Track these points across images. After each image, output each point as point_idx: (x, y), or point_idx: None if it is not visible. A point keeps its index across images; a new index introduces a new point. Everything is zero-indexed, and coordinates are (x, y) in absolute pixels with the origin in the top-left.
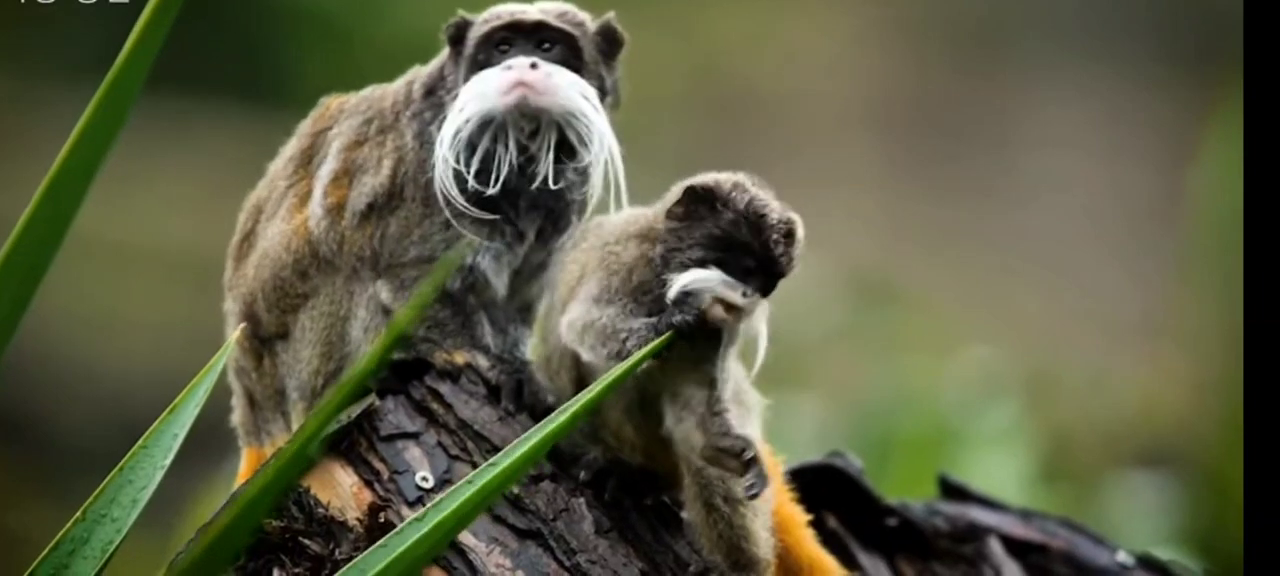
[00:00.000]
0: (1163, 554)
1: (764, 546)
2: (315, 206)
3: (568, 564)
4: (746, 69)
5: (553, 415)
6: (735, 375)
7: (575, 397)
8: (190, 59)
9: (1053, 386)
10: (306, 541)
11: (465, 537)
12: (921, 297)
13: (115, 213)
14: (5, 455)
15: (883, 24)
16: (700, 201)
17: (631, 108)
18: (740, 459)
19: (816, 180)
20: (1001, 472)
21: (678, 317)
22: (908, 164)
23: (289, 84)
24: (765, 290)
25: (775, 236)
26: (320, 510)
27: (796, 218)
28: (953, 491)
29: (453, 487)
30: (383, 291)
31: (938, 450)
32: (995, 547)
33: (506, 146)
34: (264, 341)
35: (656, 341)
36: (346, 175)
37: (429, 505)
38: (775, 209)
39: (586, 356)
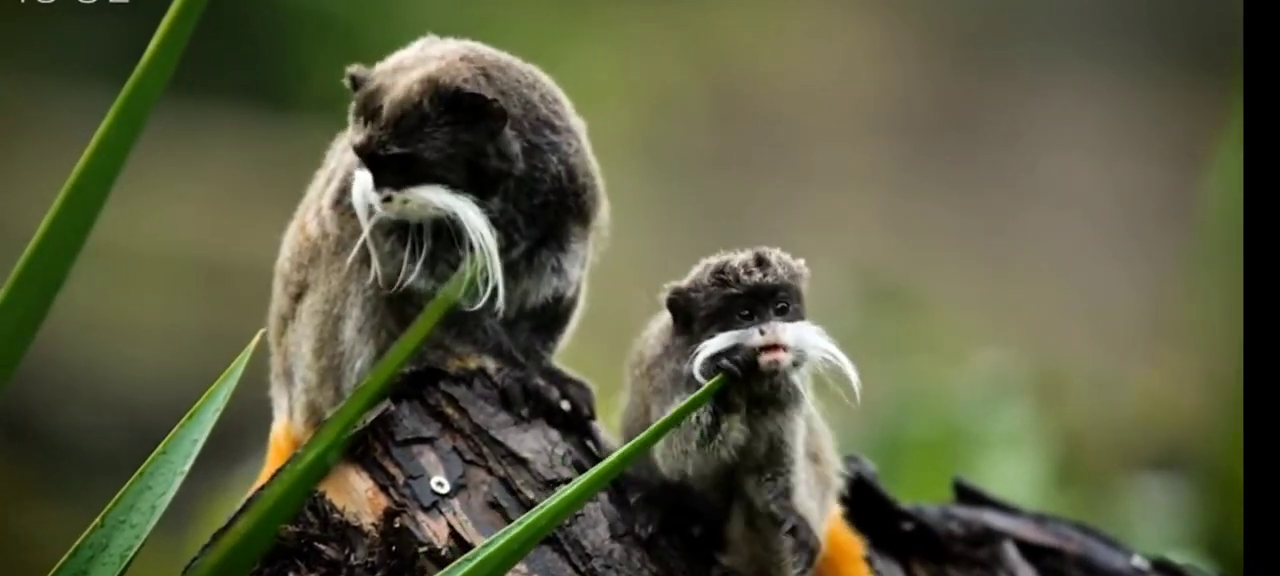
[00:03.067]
0: (1177, 557)
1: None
2: (313, 205)
3: (583, 569)
4: (756, 71)
5: (601, 465)
6: (822, 440)
7: (625, 446)
8: (197, 62)
9: (1065, 389)
10: (322, 546)
11: (481, 541)
12: (933, 300)
13: (124, 217)
14: (17, 459)
15: (893, 26)
16: (678, 308)
17: (642, 108)
18: (789, 533)
19: (827, 183)
20: (1014, 476)
21: (725, 362)
22: (919, 166)
23: (296, 87)
24: (782, 314)
25: (743, 271)
26: (336, 515)
27: (766, 250)
28: (967, 495)
29: (497, 535)
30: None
31: (950, 453)
32: (1010, 552)
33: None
34: (283, 318)
35: (709, 383)
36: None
37: (473, 554)
38: (737, 255)
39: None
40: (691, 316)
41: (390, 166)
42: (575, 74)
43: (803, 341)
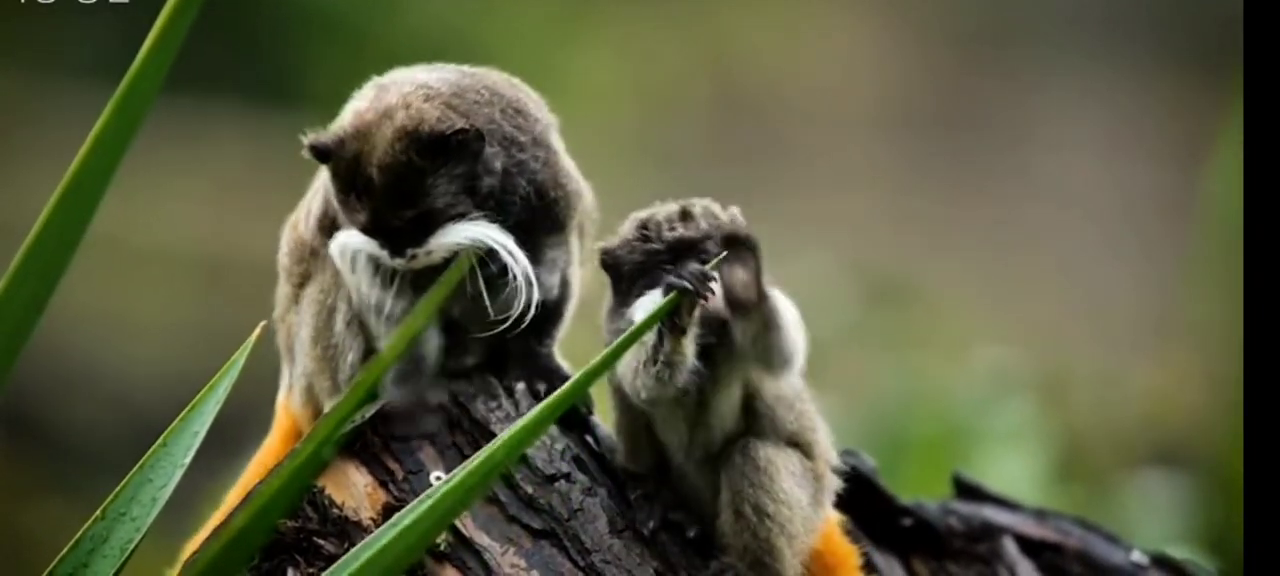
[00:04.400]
0: (1177, 553)
1: (789, 568)
2: (306, 205)
3: (582, 563)
4: (759, 69)
5: (558, 391)
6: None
7: (581, 370)
8: (197, 58)
9: (1066, 385)
10: (321, 541)
11: (480, 537)
12: (935, 297)
13: (123, 212)
14: (18, 453)
15: (896, 25)
16: (609, 267)
17: (645, 106)
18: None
19: (830, 180)
20: (1015, 471)
21: (673, 280)
22: (921, 163)
23: (297, 83)
24: (709, 261)
25: (667, 225)
26: (335, 510)
27: (694, 202)
28: (967, 490)
29: (457, 470)
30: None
31: (951, 449)
32: (1010, 547)
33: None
34: (288, 299)
35: (664, 302)
36: None
37: (433, 491)
38: (660, 210)
39: (629, 388)
40: (621, 274)
41: (405, 232)
42: (578, 73)
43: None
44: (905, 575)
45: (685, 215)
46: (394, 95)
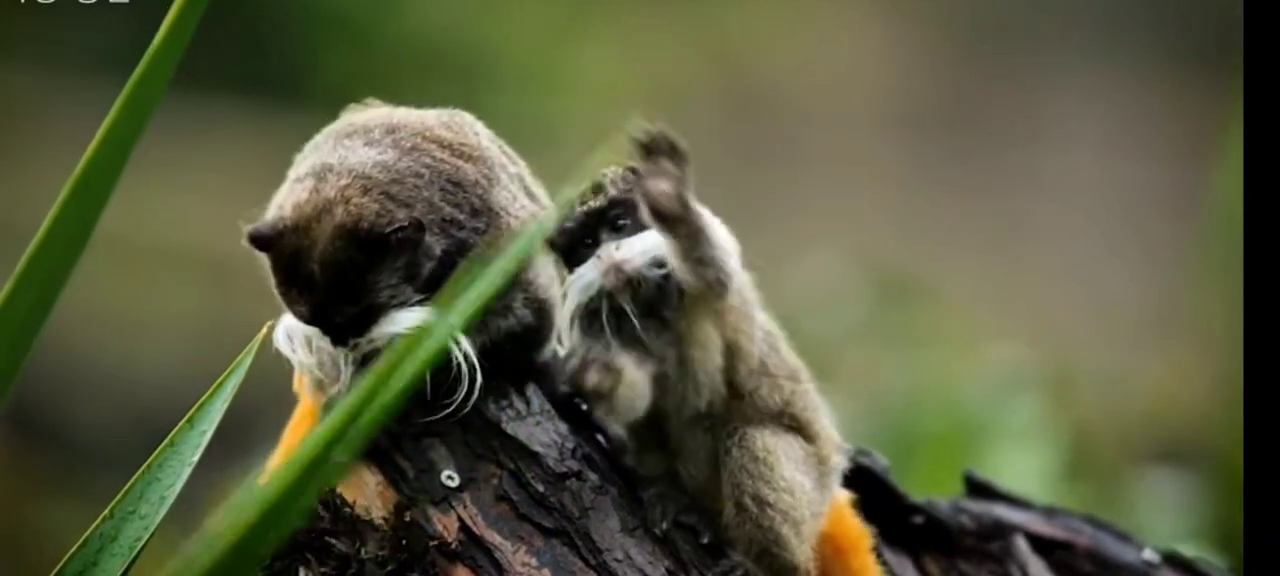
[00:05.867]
0: (1188, 550)
1: (798, 554)
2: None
3: (593, 562)
4: (766, 67)
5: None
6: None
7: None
8: (206, 55)
9: (1075, 383)
10: (332, 540)
11: (491, 535)
12: (943, 295)
13: (133, 211)
14: (25, 453)
15: (903, 23)
16: (553, 249)
17: (652, 104)
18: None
19: (837, 178)
20: (1025, 469)
21: (581, 300)
22: (930, 161)
23: (306, 82)
24: (621, 232)
25: (579, 202)
26: (346, 509)
27: (606, 172)
28: (978, 488)
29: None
30: None
31: (961, 447)
32: (1021, 545)
33: None
34: None
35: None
36: None
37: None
38: (581, 186)
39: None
40: (562, 258)
41: (348, 325)
42: (583, 70)
43: (632, 251)
44: (917, 574)
45: (597, 188)
46: (331, 188)
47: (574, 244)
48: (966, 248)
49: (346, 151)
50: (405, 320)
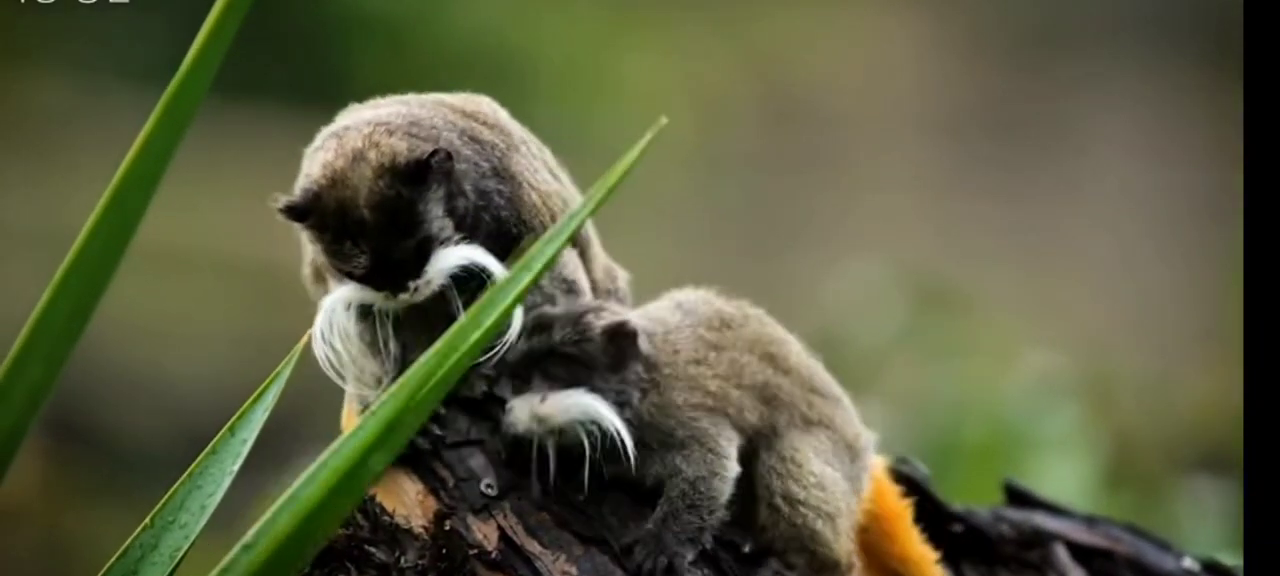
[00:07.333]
0: (1228, 559)
1: (836, 547)
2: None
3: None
4: (806, 75)
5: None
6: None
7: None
8: (244, 62)
9: (1115, 391)
10: (372, 548)
11: (531, 544)
12: (982, 303)
13: (173, 218)
14: (66, 460)
15: (943, 29)
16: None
17: (695, 111)
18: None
19: (877, 185)
20: (1064, 478)
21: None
22: (968, 168)
23: (341, 86)
24: (553, 380)
25: (523, 334)
26: (386, 518)
27: (551, 312)
28: (1018, 497)
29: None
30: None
31: (1000, 455)
32: (1061, 553)
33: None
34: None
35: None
36: None
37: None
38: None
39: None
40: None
41: (404, 265)
42: (626, 77)
43: (557, 407)
44: None
45: (538, 327)
46: (355, 139)
47: (522, 363)
48: (1006, 255)
49: (356, 115)
50: (456, 256)
